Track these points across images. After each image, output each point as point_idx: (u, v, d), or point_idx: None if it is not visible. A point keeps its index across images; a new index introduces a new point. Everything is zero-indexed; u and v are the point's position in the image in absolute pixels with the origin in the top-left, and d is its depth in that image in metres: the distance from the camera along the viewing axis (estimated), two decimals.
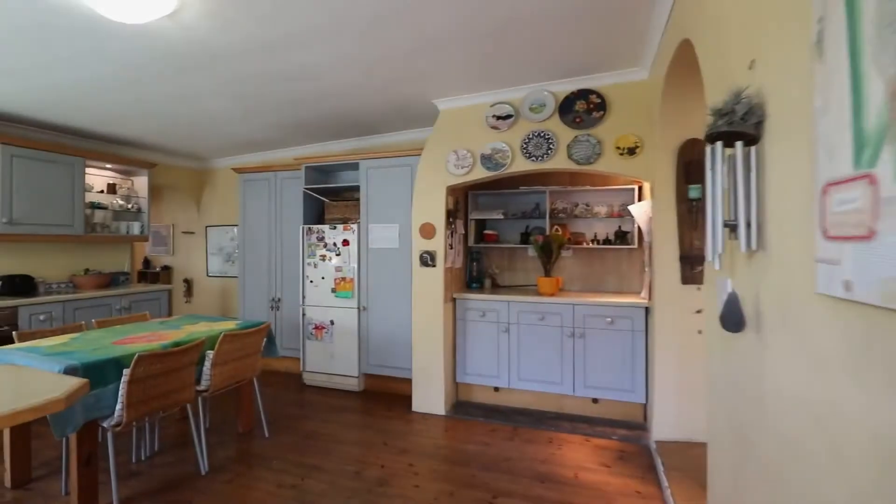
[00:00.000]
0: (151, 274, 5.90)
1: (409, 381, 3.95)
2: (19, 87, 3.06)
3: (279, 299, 4.67)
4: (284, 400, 3.94)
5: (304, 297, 4.30)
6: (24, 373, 2.07)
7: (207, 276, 5.67)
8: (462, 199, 4.04)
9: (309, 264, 4.28)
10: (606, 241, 3.88)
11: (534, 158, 3.36)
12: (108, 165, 4.41)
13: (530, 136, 3.37)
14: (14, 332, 2.71)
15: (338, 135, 4.48)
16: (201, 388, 2.79)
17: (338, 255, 4.17)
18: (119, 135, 4.27)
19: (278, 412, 3.64)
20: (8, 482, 2.52)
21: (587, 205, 4.04)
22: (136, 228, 4.59)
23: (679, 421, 2.79)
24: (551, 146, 3.31)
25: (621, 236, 3.79)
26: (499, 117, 3.46)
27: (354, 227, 4.10)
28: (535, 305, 3.57)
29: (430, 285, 3.59)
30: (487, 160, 3.47)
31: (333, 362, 4.19)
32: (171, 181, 5.32)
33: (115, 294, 4.09)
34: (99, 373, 2.28)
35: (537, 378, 3.57)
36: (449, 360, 3.69)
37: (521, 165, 3.40)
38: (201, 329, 3.06)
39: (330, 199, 4.44)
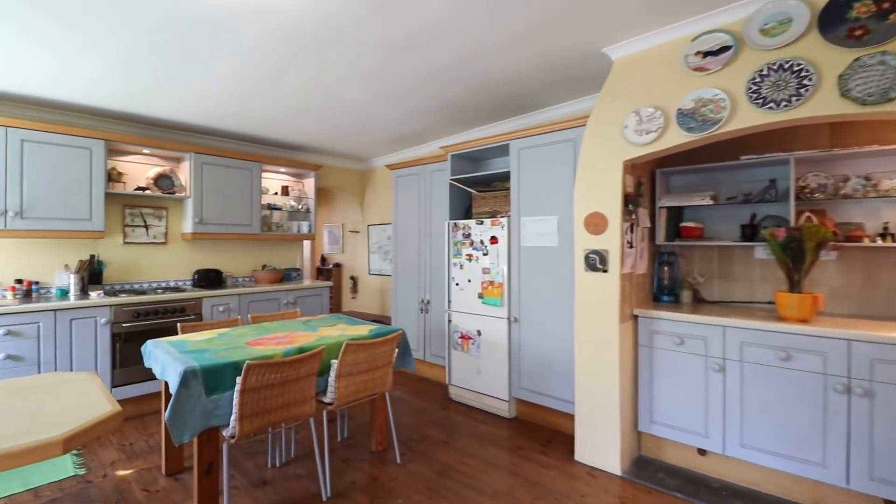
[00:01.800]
0: (325, 270, 6.35)
1: (571, 417, 3.09)
2: (190, 100, 3.33)
3: (428, 301, 4.32)
4: (427, 415, 3.51)
5: (449, 302, 3.83)
6: (66, 388, 1.79)
7: (369, 274, 5.77)
8: (647, 180, 2.97)
9: (454, 265, 3.79)
10: None
11: (771, 106, 2.14)
12: (282, 169, 4.73)
13: (764, 73, 2.16)
14: (178, 324, 2.86)
15: (487, 117, 3.88)
16: (326, 400, 2.49)
17: (485, 254, 3.56)
18: (287, 139, 4.52)
19: (417, 431, 3.21)
20: (163, 468, 2.64)
21: (866, 178, 2.52)
22: (304, 227, 4.84)
23: None
24: (806, 82, 2.05)
25: None
26: (707, 53, 2.33)
27: (504, 221, 3.42)
28: (775, 336, 2.30)
29: (599, 296, 2.67)
30: (688, 117, 2.37)
31: (480, 379, 3.60)
32: (339, 182, 5.55)
33: (283, 289, 4.31)
34: (218, 377, 2.13)
35: (775, 449, 2.30)
36: (627, 399, 2.70)
37: (748, 119, 2.21)
38: (334, 333, 2.81)
39: (478, 189, 3.87)
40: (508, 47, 2.59)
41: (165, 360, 2.28)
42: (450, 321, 3.83)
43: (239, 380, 2.03)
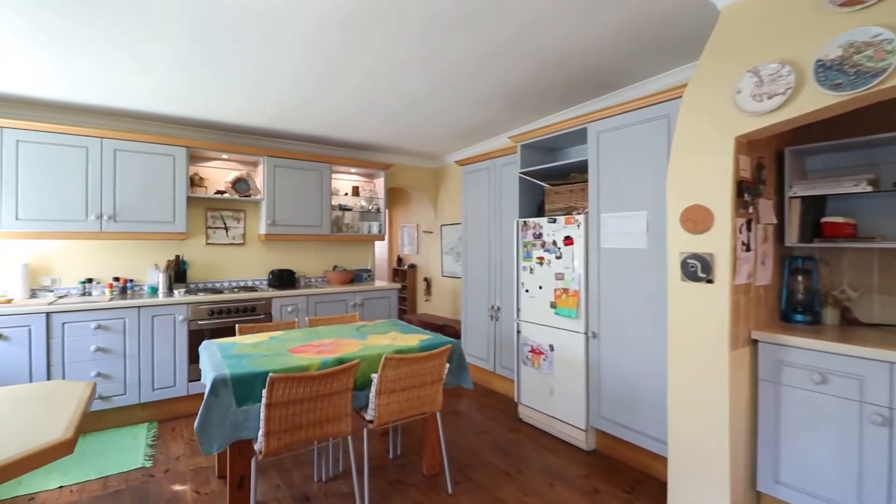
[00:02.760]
0: (401, 271, 6.27)
1: (664, 459, 2.51)
2: (255, 104, 3.35)
3: (498, 308, 3.94)
4: (491, 437, 3.14)
5: (518, 310, 3.41)
6: (35, 403, 1.43)
7: (442, 275, 5.54)
8: (770, 161, 2.27)
9: (524, 268, 3.36)
10: None
11: None
12: (353, 169, 4.70)
13: None
14: (236, 325, 2.86)
15: (561, 100, 3.38)
16: (368, 417, 2.27)
17: (558, 257, 3.08)
18: (356, 139, 4.46)
19: (476, 456, 2.86)
20: (216, 470, 2.63)
21: None
22: (375, 228, 4.76)
23: None
24: None
25: None
26: None
27: (580, 218, 2.92)
28: None
29: (701, 313, 2.08)
30: (834, 71, 1.70)
31: (554, 402, 3.13)
32: (412, 181, 5.41)
33: (350, 290, 4.25)
34: (249, 387, 2.01)
35: None
36: (741, 448, 2.06)
37: None
38: (382, 342, 2.58)
39: (550, 183, 3.39)
40: (579, 7, 2.12)
41: (206, 363, 2.23)
42: (519, 332, 3.41)
43: (264, 393, 1.88)
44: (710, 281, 2.04)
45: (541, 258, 3.21)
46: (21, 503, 2.31)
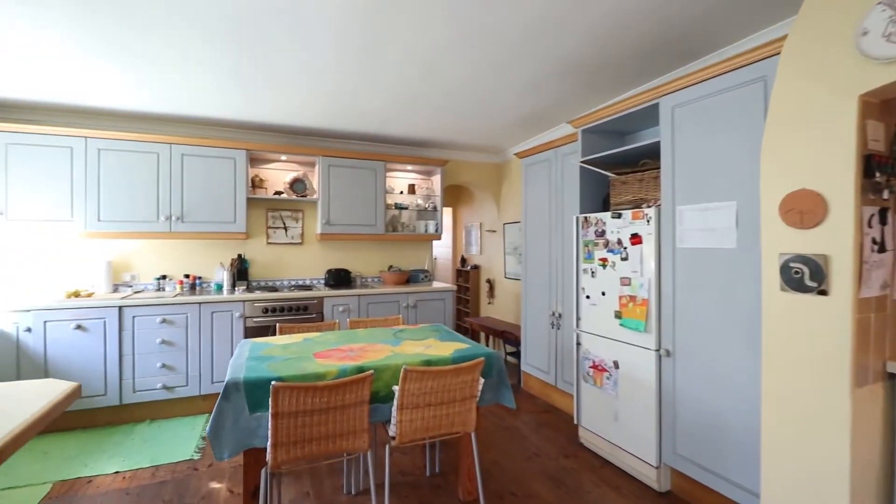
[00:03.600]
0: (464, 272, 6.04)
1: None
2: (305, 104, 3.34)
3: (560, 315, 3.53)
4: (543, 461, 2.78)
5: (578, 319, 2.99)
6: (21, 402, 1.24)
7: (505, 277, 5.20)
8: None
9: (585, 272, 2.93)
10: None
11: None
12: (409, 167, 4.56)
13: None
14: (277, 325, 2.84)
15: (627, 78, 2.89)
16: (391, 433, 2.06)
17: (624, 259, 2.62)
18: (410, 136, 4.31)
19: (522, 483, 2.52)
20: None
21: None
22: (431, 227, 4.58)
23: None
24: None
25: None
26: None
27: (650, 212, 2.44)
28: None
29: (810, 335, 1.56)
30: None
31: (619, 428, 2.67)
32: (473, 177, 5.15)
33: (403, 292, 4.11)
34: (261, 393, 1.91)
35: None
36: None
37: None
38: (414, 350, 2.37)
39: (616, 172, 2.91)
40: None
41: (231, 363, 2.19)
42: (579, 344, 2.99)
43: (270, 401, 1.76)
44: (823, 292, 1.51)
45: (604, 260, 2.77)
46: (82, 484, 2.48)
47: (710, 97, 2.15)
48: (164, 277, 3.78)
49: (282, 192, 4.05)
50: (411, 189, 4.60)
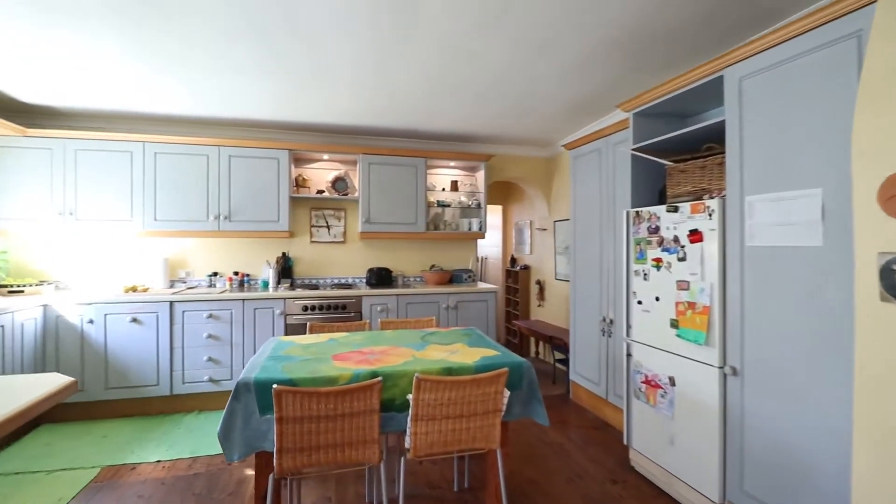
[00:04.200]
0: (513, 273, 5.77)
1: None
2: (345, 102, 3.31)
3: (611, 321, 3.19)
4: (586, 484, 2.49)
5: (628, 326, 2.66)
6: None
7: (555, 278, 4.88)
8: None
9: (636, 273, 2.60)
10: None
11: None
12: (452, 163, 4.40)
13: None
14: (308, 324, 2.81)
15: (685, 53, 2.50)
16: (406, 445, 1.92)
17: (681, 259, 2.27)
18: (452, 130, 4.15)
19: None
20: None
21: None
22: (475, 225, 4.39)
23: None
24: None
25: None
26: None
27: (713, 204, 2.08)
28: None
29: None
30: None
31: (675, 454, 2.33)
32: (521, 172, 4.88)
33: (443, 292, 3.96)
34: (271, 396, 1.84)
35: None
36: None
37: None
38: (437, 356, 2.20)
39: (674, 160, 2.54)
40: None
41: (250, 361, 2.16)
42: (629, 355, 2.66)
43: (274, 405, 1.68)
44: None
45: (657, 260, 2.42)
46: (126, 470, 2.60)
47: (787, 63, 1.76)
48: (215, 274, 3.95)
49: (324, 191, 4.08)
50: (454, 186, 4.44)
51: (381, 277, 4.19)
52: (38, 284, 3.42)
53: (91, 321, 3.20)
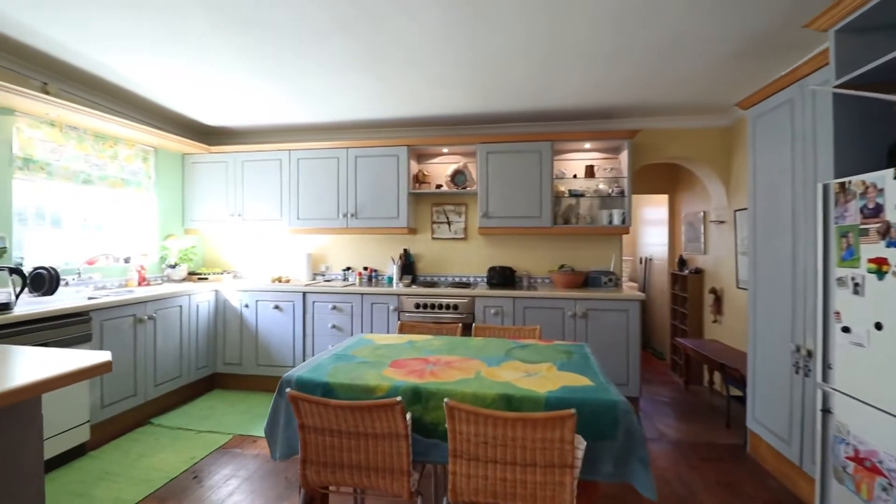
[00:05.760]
0: (681, 277, 4.63)
1: None
2: (452, 90, 3.09)
3: (808, 353, 2.15)
4: None
5: (827, 366, 1.71)
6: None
7: (737, 286, 3.68)
8: None
9: (841, 282, 1.64)
10: None
11: None
12: (586, 145, 3.71)
13: None
14: (398, 323, 2.67)
15: None
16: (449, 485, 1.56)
17: None
18: (584, 105, 3.48)
19: None
20: None
21: None
22: (616, 218, 3.61)
23: None
24: None
25: None
26: None
27: None
28: None
29: None
30: None
31: None
32: (686, 151, 3.84)
33: (570, 297, 3.35)
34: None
35: None
36: None
37: None
38: (506, 377, 1.77)
39: None
40: None
41: (312, 357, 2.10)
42: (828, 411, 1.70)
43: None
44: None
45: (880, 262, 1.46)
46: (249, 442, 2.90)
47: None
48: (348, 269, 4.21)
49: (442, 185, 3.93)
50: (589, 172, 3.75)
51: (503, 277, 3.83)
52: (220, 273, 4.20)
53: (247, 305, 3.75)
